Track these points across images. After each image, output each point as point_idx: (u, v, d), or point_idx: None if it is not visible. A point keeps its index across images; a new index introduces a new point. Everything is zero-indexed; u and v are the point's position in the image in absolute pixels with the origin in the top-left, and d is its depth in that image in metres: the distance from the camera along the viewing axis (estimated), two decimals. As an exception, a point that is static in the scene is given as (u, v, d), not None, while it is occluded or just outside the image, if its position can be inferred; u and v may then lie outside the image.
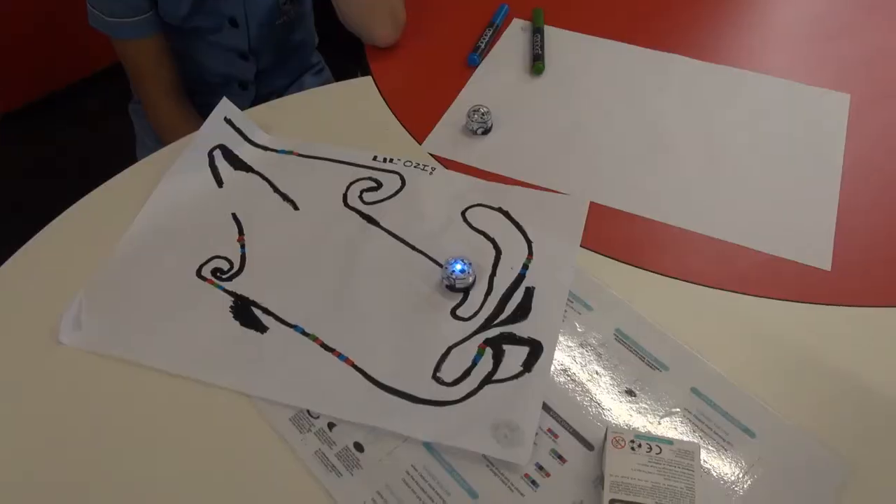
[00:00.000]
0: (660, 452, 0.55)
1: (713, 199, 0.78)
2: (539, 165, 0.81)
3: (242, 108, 0.85)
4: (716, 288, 0.69)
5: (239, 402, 0.61)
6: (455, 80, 0.92)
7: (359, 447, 0.58)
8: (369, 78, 0.92)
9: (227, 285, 0.69)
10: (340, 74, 0.97)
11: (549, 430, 0.59)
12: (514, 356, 0.64)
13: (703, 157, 0.82)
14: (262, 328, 0.66)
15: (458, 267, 0.68)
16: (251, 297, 0.68)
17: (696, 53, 0.96)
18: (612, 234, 0.74)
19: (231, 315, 0.67)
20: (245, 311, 0.67)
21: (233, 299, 0.68)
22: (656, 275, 0.71)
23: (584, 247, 0.73)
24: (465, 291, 0.68)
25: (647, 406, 0.61)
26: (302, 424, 0.59)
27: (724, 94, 0.91)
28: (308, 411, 0.60)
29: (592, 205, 0.77)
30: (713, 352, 0.64)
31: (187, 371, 0.63)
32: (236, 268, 0.71)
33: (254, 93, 1.15)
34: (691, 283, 0.70)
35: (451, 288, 0.68)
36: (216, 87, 1.10)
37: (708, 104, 0.89)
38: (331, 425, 0.59)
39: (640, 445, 0.56)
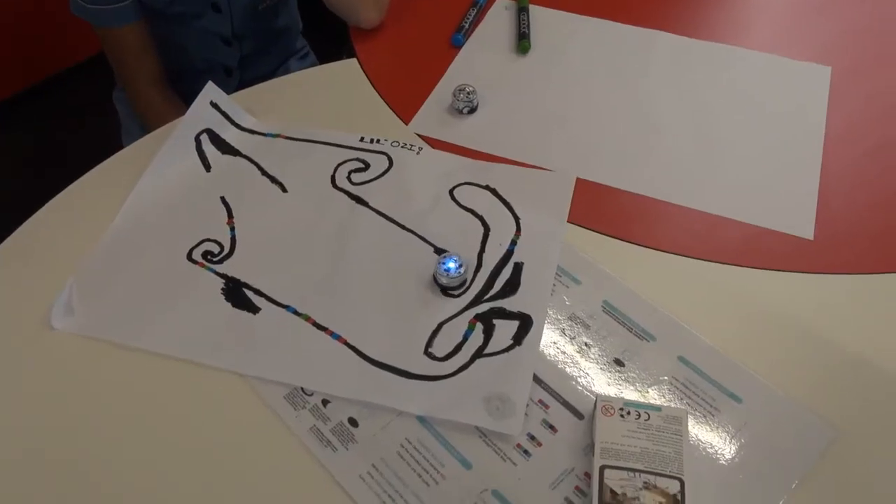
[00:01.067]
0: (648, 419, 0.56)
1: (698, 172, 0.79)
2: (525, 143, 0.82)
3: (227, 94, 0.85)
4: (702, 259, 0.70)
5: (233, 382, 0.62)
6: (440, 61, 0.92)
7: (353, 422, 0.59)
8: (354, 60, 0.92)
9: (218, 268, 0.70)
10: (325, 59, 0.96)
11: (540, 402, 0.60)
12: (505, 330, 0.65)
13: (687, 132, 0.83)
14: (254, 309, 0.66)
15: (452, 265, 0.66)
16: (242, 279, 0.69)
17: (680, 30, 0.97)
18: (599, 209, 0.75)
19: (223, 297, 0.67)
20: (237, 293, 0.68)
21: (224, 281, 0.69)
22: (643, 248, 0.72)
23: (571, 222, 0.74)
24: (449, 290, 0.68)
25: (635, 375, 0.62)
26: (296, 402, 0.60)
27: (708, 69, 0.91)
28: (302, 389, 0.61)
29: (579, 181, 0.78)
30: (700, 322, 0.65)
31: (181, 353, 0.63)
32: (227, 250, 0.71)
33: (238, 79, 1.14)
34: (678, 255, 0.71)
35: (436, 282, 0.67)
36: (200, 73, 1.10)
37: (692, 79, 0.90)
38: (325, 402, 0.60)
39: (628, 413, 0.57)
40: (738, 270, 0.69)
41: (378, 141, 0.82)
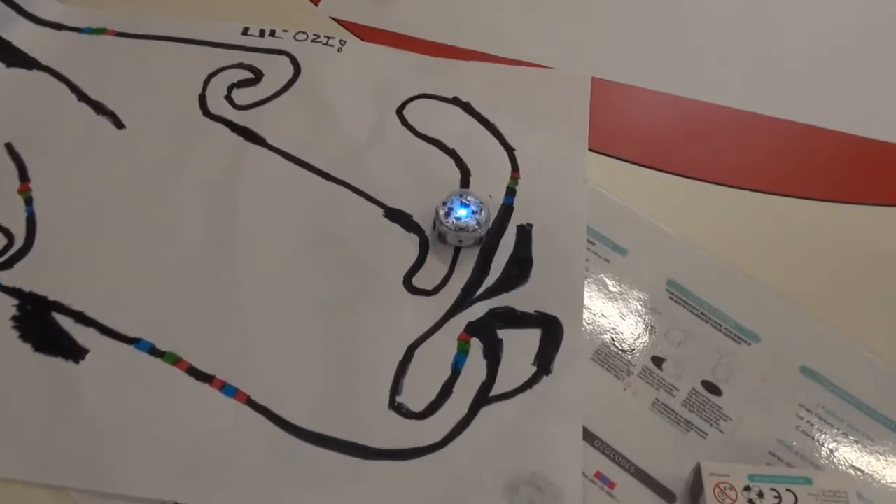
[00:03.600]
0: (796, 502, 0.32)
1: (769, 61, 0.53)
2: (503, 25, 0.53)
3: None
4: (805, 198, 0.46)
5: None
6: None
7: (276, 558, 0.33)
8: None
9: (4, 276, 0.39)
10: None
11: (599, 476, 0.35)
12: (519, 348, 0.39)
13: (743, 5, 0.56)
14: (75, 352, 0.37)
15: (463, 212, 0.40)
16: (50, 296, 0.39)
17: None
18: (631, 126, 0.49)
19: (15, 332, 0.38)
20: (41, 323, 0.38)
21: (16, 302, 0.39)
22: (711, 185, 0.46)
23: (592, 150, 0.47)
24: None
25: (741, 409, 0.38)
26: (166, 530, 0.33)
27: None
28: None
29: (595, 83, 0.50)
30: (818, 302, 0.41)
31: (-65, 455, 0.34)
32: (19, 243, 0.41)
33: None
34: (766, 193, 0.46)
35: (443, 239, 0.42)
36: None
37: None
38: (220, 523, 0.33)
39: (760, 494, 0.33)
40: (861, 211, 0.45)
41: (273, 33, 0.51)
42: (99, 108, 0.46)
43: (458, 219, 0.40)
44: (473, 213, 0.41)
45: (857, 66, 0.52)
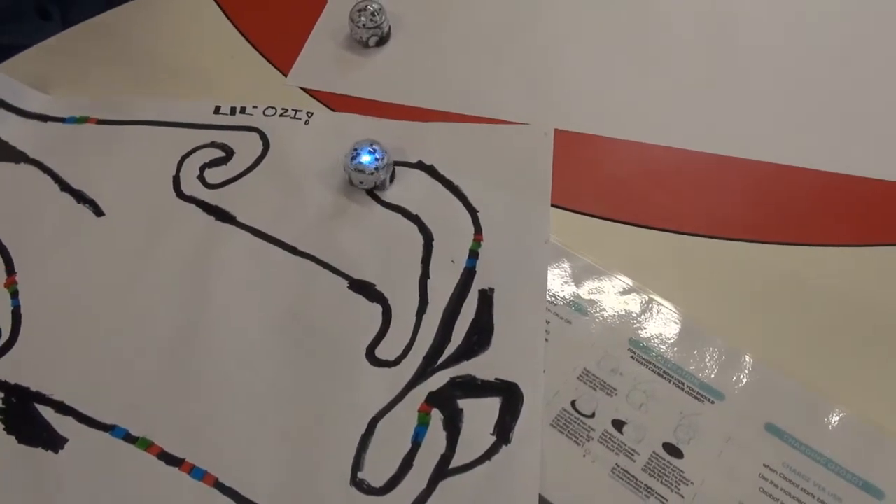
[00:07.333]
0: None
1: (743, 99, 0.52)
2: (467, 84, 0.54)
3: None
4: (775, 243, 0.45)
5: (24, 592, 0.35)
6: (327, -31, 0.62)
7: None
8: (198, -17, 0.61)
9: (-9, 371, 0.42)
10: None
11: (557, 549, 0.36)
12: (479, 417, 0.39)
13: (713, 42, 0.56)
14: (55, 441, 0.39)
15: (367, 157, 0.47)
16: (32, 387, 0.41)
17: None
18: (595, 177, 0.49)
19: (1, 426, 0.40)
20: (24, 415, 0.40)
21: (1, 395, 0.41)
22: (676, 235, 0.46)
23: (555, 205, 0.47)
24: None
25: (703, 472, 0.37)
26: None
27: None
28: (145, 590, 0.35)
29: (559, 135, 0.51)
30: (787, 355, 0.41)
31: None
32: (5, 336, 0.43)
33: (61, 25, 0.81)
34: (736, 240, 0.45)
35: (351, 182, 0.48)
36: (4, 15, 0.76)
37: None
38: None
39: (714, 566, 0.32)
40: (841, 253, 0.45)
41: (243, 110, 0.53)
42: (80, 196, 0.49)
43: (360, 164, 0.46)
44: (376, 159, 0.46)
45: (828, 100, 0.52)
